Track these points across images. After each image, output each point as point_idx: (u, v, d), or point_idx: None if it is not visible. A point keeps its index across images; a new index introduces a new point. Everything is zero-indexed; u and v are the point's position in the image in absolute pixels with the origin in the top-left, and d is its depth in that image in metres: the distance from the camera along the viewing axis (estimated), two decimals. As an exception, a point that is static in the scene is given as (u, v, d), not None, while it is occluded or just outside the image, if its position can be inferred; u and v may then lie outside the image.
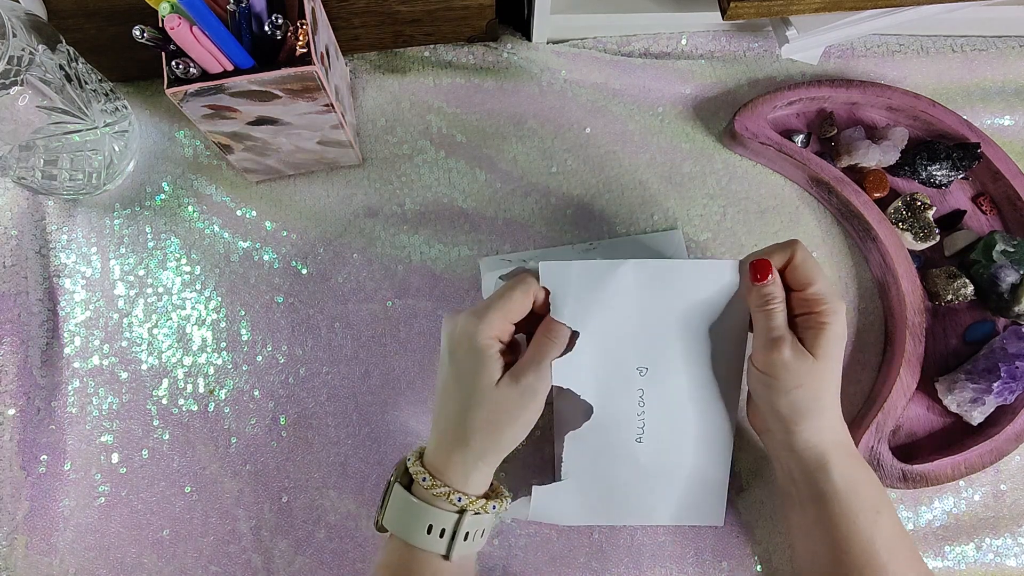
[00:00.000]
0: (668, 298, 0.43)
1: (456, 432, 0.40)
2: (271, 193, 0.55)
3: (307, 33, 0.41)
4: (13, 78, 0.41)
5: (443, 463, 0.40)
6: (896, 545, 0.41)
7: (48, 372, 0.52)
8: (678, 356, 0.44)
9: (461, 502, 0.39)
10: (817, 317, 0.41)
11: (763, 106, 0.56)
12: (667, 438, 0.46)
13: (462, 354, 0.40)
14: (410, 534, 0.39)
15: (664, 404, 0.45)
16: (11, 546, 0.48)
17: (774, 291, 0.41)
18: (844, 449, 0.42)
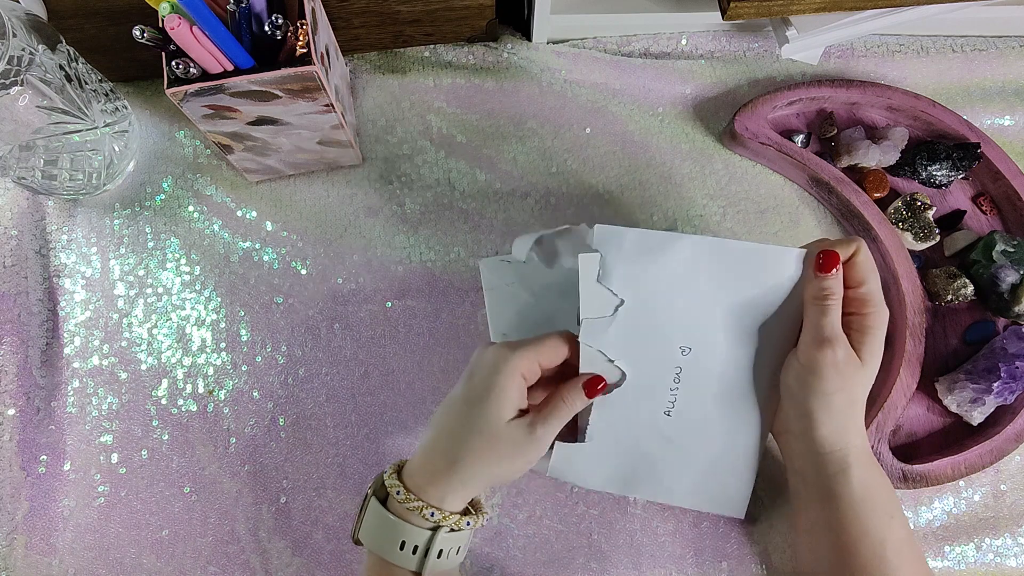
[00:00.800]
0: (724, 280, 0.42)
1: (446, 453, 0.39)
2: (271, 193, 0.55)
3: (307, 33, 0.41)
4: (13, 78, 0.41)
5: (425, 480, 0.39)
6: (905, 550, 0.41)
7: (48, 372, 0.52)
8: (725, 341, 0.43)
9: (435, 517, 0.38)
10: (865, 320, 0.40)
11: (763, 106, 0.56)
12: (697, 417, 0.44)
13: (481, 378, 0.40)
14: (383, 549, 0.39)
15: (700, 385, 0.44)
16: (11, 546, 0.48)
17: (834, 286, 0.40)
18: (865, 454, 0.42)
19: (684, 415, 0.44)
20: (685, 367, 0.43)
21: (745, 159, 0.58)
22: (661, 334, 0.43)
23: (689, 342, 0.43)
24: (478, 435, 0.39)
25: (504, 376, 0.39)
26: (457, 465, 0.39)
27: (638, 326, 0.42)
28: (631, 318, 0.42)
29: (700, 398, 0.44)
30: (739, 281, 0.42)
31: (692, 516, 0.50)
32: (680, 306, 0.42)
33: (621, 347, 0.42)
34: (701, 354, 0.43)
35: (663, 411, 0.44)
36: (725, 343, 0.43)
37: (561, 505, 0.50)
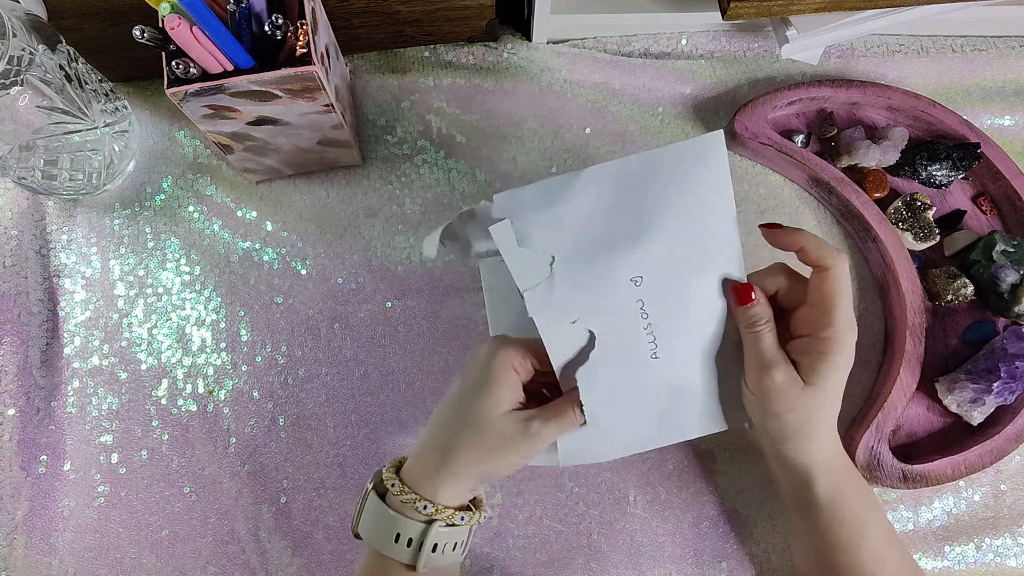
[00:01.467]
0: (642, 196, 0.39)
1: (439, 445, 0.40)
2: (271, 193, 0.55)
3: (307, 33, 0.41)
4: (13, 78, 0.41)
5: (419, 474, 0.39)
6: (884, 556, 0.41)
7: (48, 372, 0.52)
8: (670, 254, 0.40)
9: (427, 511, 0.38)
10: (817, 344, 0.39)
11: (763, 106, 0.56)
12: (682, 344, 0.42)
13: (474, 372, 0.40)
14: (380, 543, 0.39)
15: (669, 309, 0.40)
16: (10, 546, 0.48)
17: (760, 312, 0.40)
18: (831, 464, 0.42)
19: (670, 349, 0.41)
20: (646, 298, 0.40)
21: (745, 159, 0.58)
22: (606, 275, 0.40)
23: (637, 271, 0.40)
24: (469, 427, 0.39)
25: (495, 367, 0.39)
26: (447, 457, 0.39)
27: (579, 276, 0.39)
28: (568, 271, 0.39)
29: (676, 321, 0.41)
30: (657, 190, 0.39)
31: (692, 516, 0.50)
32: (611, 240, 0.39)
33: (573, 305, 0.40)
34: (654, 276, 0.40)
35: (649, 355, 0.41)
36: (673, 254, 0.40)
37: (561, 505, 0.50)
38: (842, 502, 0.42)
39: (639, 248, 0.40)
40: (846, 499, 0.42)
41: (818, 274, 0.39)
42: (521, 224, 0.39)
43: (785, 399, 0.39)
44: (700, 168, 0.39)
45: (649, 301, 0.40)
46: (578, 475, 0.51)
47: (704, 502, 0.51)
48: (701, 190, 0.39)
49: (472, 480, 0.40)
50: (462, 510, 0.40)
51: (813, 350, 0.39)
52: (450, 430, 0.40)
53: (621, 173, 0.39)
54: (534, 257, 0.39)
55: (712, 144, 0.39)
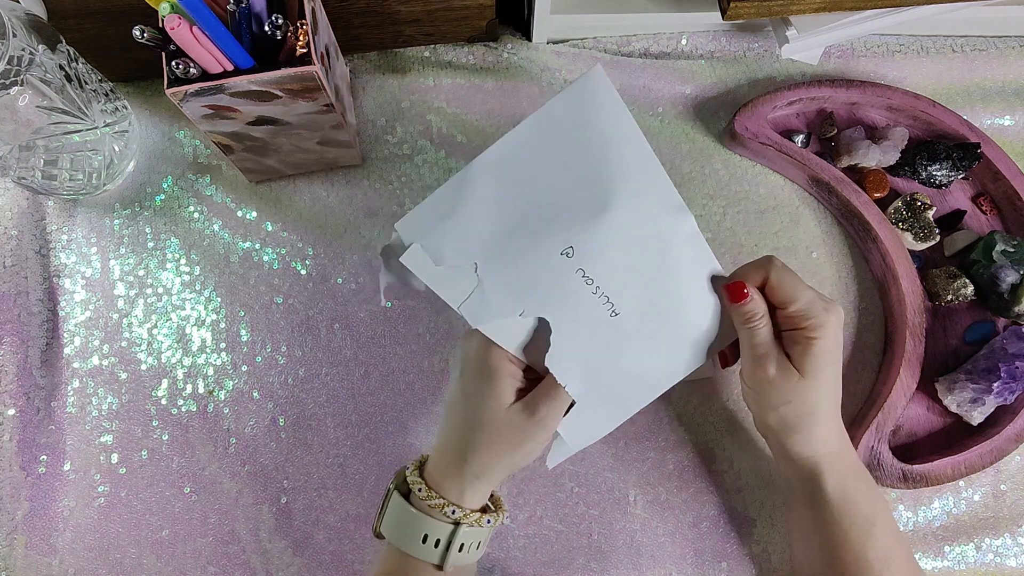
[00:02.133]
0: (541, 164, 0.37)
1: (456, 449, 0.40)
2: (271, 193, 0.55)
3: (307, 33, 0.41)
4: (13, 78, 0.41)
5: (441, 477, 0.40)
6: (890, 555, 0.41)
7: (48, 372, 0.52)
8: (594, 212, 0.38)
9: (455, 515, 0.39)
10: (804, 332, 0.40)
11: (763, 106, 0.56)
12: (635, 292, 0.40)
13: (472, 373, 0.40)
14: (406, 542, 0.39)
15: (609, 263, 0.39)
16: (11, 546, 0.48)
17: (754, 308, 0.41)
18: (839, 459, 0.42)
19: (626, 302, 0.40)
20: (584, 265, 0.39)
21: (745, 159, 0.58)
22: (535, 260, 0.38)
23: (565, 243, 0.38)
24: (481, 428, 0.39)
25: (492, 364, 0.39)
26: (468, 461, 0.39)
27: (508, 271, 0.38)
28: (495, 271, 0.38)
29: (621, 275, 0.40)
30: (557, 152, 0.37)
31: (692, 516, 0.50)
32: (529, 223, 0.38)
33: (512, 301, 0.39)
34: (584, 241, 0.38)
35: (609, 316, 0.40)
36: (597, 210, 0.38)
37: (561, 505, 0.50)
38: (852, 499, 0.41)
39: (557, 218, 0.38)
40: (856, 496, 0.42)
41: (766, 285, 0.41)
42: (431, 242, 0.37)
43: (781, 391, 0.40)
44: (589, 111, 0.37)
45: (588, 266, 0.39)
46: (578, 475, 0.51)
47: (704, 502, 0.51)
48: (596, 131, 0.37)
49: (496, 477, 0.40)
50: (485, 512, 0.41)
51: (800, 339, 0.40)
52: (463, 434, 0.40)
53: (509, 150, 0.37)
54: (455, 272, 0.38)
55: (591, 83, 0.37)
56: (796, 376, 0.40)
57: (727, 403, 0.52)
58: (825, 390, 0.41)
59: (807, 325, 0.40)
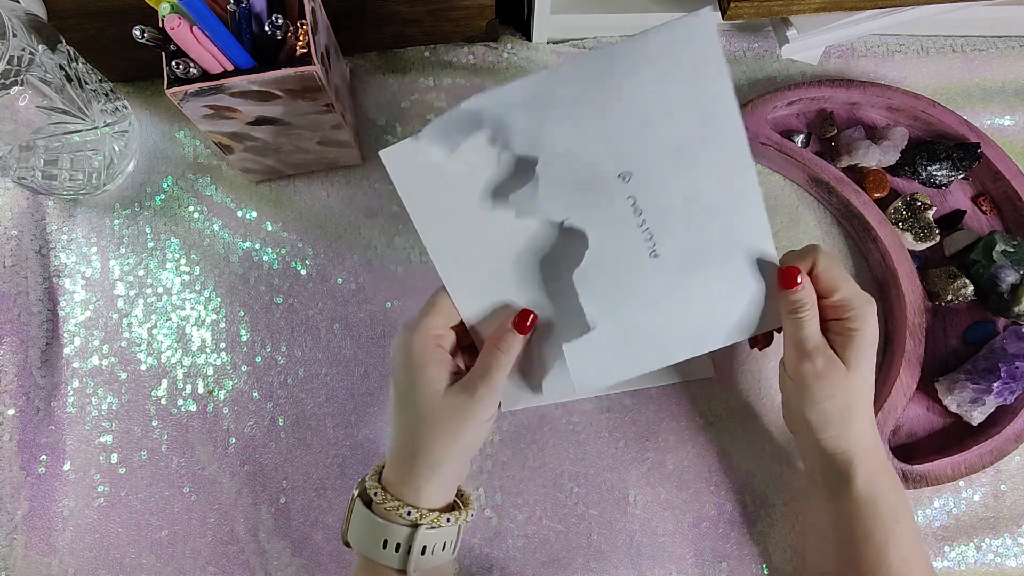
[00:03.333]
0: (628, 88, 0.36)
1: (405, 448, 0.39)
2: (271, 193, 0.55)
3: (307, 33, 0.41)
4: (13, 78, 0.41)
5: (397, 480, 0.39)
6: (910, 555, 0.41)
7: (48, 372, 0.52)
8: (662, 146, 0.37)
9: (411, 516, 0.38)
10: (846, 323, 0.39)
11: (763, 106, 0.56)
12: (684, 243, 0.39)
13: (400, 368, 0.39)
14: (369, 549, 0.39)
15: (664, 204, 0.38)
16: (10, 546, 0.48)
17: (804, 297, 0.39)
18: (872, 456, 0.42)
19: (670, 246, 0.39)
20: (637, 194, 0.38)
21: (745, 159, 0.58)
22: (591, 173, 0.38)
23: (625, 166, 0.38)
24: (421, 420, 0.38)
25: (415, 353, 0.39)
26: (418, 456, 0.39)
27: (564, 175, 0.38)
28: (553, 171, 0.37)
29: (673, 220, 0.39)
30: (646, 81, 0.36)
31: (692, 516, 0.50)
32: (595, 136, 0.37)
33: (563, 203, 0.38)
34: (645, 172, 0.38)
35: (648, 254, 0.39)
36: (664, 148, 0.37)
37: (561, 505, 0.50)
38: (879, 496, 0.41)
39: (626, 142, 0.37)
40: (883, 493, 0.41)
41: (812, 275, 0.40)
42: (505, 128, 0.37)
43: (827, 385, 0.39)
44: (687, 52, 0.36)
45: (642, 197, 0.38)
46: (578, 475, 0.51)
47: (704, 502, 0.51)
48: (690, 76, 0.36)
49: (453, 469, 0.40)
50: (448, 511, 0.40)
51: (843, 330, 0.40)
52: (408, 430, 0.39)
53: (602, 65, 0.36)
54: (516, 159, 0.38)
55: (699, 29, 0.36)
56: (843, 370, 0.39)
57: (727, 403, 0.52)
58: (866, 382, 0.40)
59: (850, 316, 0.39)
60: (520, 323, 0.40)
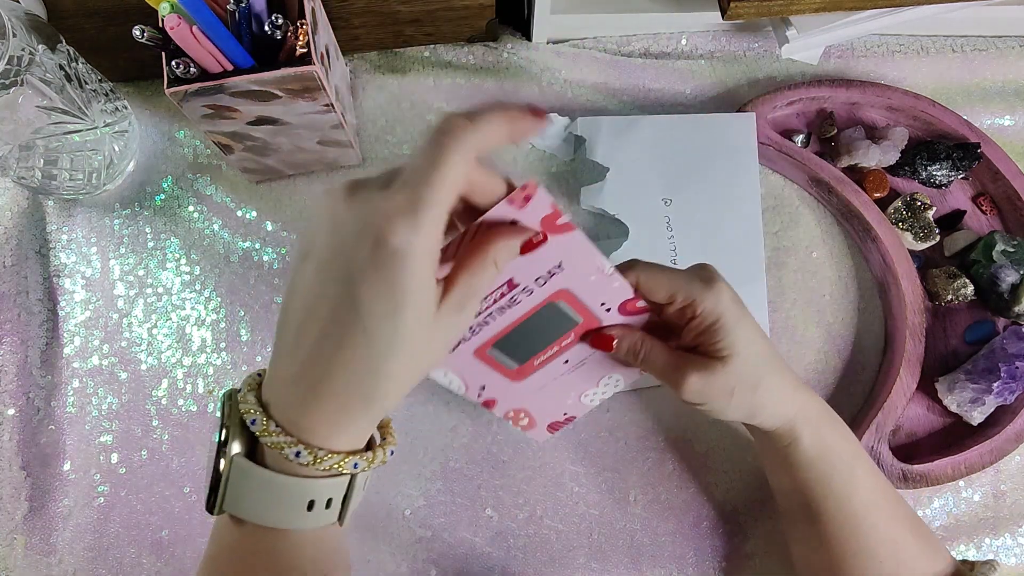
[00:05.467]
0: (685, 143, 0.53)
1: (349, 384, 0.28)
2: (271, 193, 0.55)
3: (307, 33, 0.41)
4: (13, 78, 0.41)
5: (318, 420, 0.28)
6: (876, 499, 0.40)
7: (48, 372, 0.52)
8: (699, 191, 0.53)
9: (358, 468, 0.29)
10: (700, 321, 0.37)
11: (763, 106, 0.56)
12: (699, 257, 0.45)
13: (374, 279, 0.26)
14: (281, 518, 0.29)
15: (689, 233, 0.52)
16: (10, 546, 0.48)
17: (627, 344, 0.38)
18: (808, 414, 0.40)
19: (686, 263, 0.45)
20: (672, 216, 0.53)
21: (745, 159, 0.58)
22: (644, 190, 0.53)
23: (669, 194, 0.53)
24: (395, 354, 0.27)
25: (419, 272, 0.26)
26: (375, 403, 0.28)
27: (624, 187, 0.53)
28: (616, 181, 0.53)
29: (694, 246, 0.52)
30: (697, 142, 0.54)
31: (692, 516, 0.50)
32: (653, 167, 0.53)
33: (615, 205, 0.52)
34: (682, 201, 0.53)
35: (670, 261, 0.52)
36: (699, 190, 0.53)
37: (561, 505, 0.50)
38: (829, 449, 0.40)
39: (674, 179, 0.53)
40: (834, 443, 0.40)
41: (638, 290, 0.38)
42: (592, 142, 0.54)
43: (718, 389, 0.37)
44: (732, 135, 0.54)
45: (675, 219, 0.53)
46: (578, 475, 0.51)
47: (704, 502, 0.51)
48: (731, 151, 0.54)
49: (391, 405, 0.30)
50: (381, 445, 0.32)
51: (698, 328, 0.37)
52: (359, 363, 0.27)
53: (673, 123, 0.54)
54: (595, 166, 0.54)
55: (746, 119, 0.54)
56: (720, 366, 0.37)
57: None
58: (758, 353, 0.38)
59: (700, 311, 0.37)
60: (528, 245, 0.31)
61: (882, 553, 0.40)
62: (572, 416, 0.44)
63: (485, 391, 0.40)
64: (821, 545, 0.41)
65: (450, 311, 0.28)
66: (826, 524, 0.40)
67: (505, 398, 0.41)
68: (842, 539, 0.40)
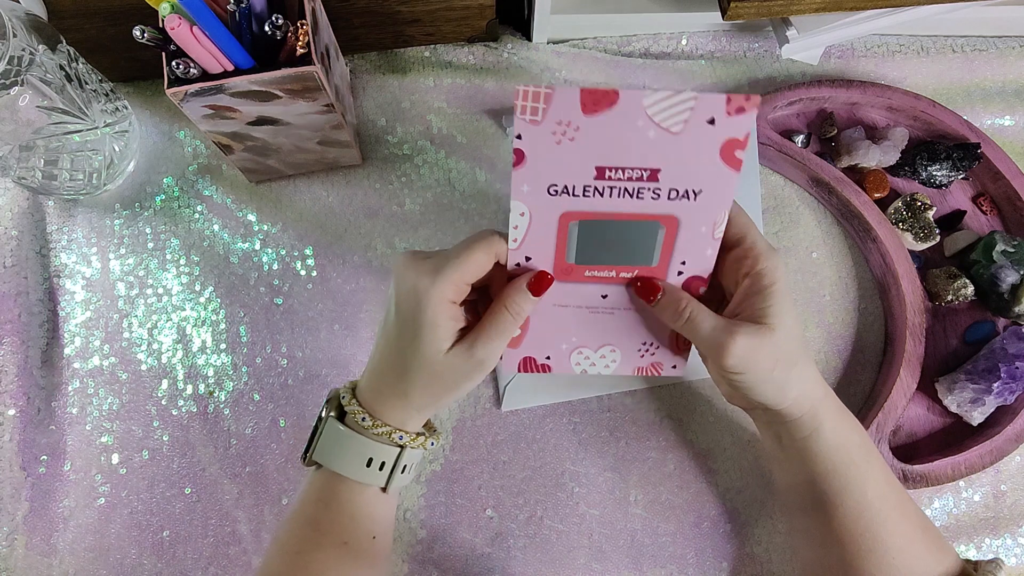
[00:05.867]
0: None
1: (396, 385, 0.39)
2: (271, 194, 0.55)
3: (307, 33, 0.41)
4: (13, 78, 0.41)
5: (380, 406, 0.39)
6: (888, 492, 0.40)
7: (48, 372, 0.51)
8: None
9: (403, 440, 0.39)
10: (759, 280, 0.36)
11: (763, 106, 0.56)
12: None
13: (408, 313, 0.37)
14: (347, 467, 0.39)
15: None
16: (11, 546, 0.48)
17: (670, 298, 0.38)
18: (829, 404, 0.40)
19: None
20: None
21: (745, 159, 0.58)
22: None
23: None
24: (419, 371, 0.38)
25: (431, 311, 0.36)
26: (408, 397, 0.39)
27: None
28: None
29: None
30: None
31: (693, 516, 0.50)
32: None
33: None
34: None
35: None
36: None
37: (562, 506, 0.50)
38: (848, 440, 0.40)
39: None
40: (850, 434, 0.40)
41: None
42: None
43: (763, 356, 0.36)
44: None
45: None
46: (578, 475, 0.51)
47: (705, 502, 0.51)
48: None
49: (438, 409, 0.41)
50: (426, 435, 0.41)
51: (758, 288, 0.36)
52: (402, 372, 0.38)
53: None
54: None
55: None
56: (770, 333, 0.36)
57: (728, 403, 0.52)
58: (797, 331, 0.37)
59: (761, 269, 0.36)
60: (537, 284, 0.37)
61: (895, 548, 0.39)
62: (548, 366, 0.42)
63: (525, 264, 0.38)
64: (834, 541, 0.41)
65: (460, 351, 0.37)
66: (841, 518, 0.40)
67: None
68: (856, 533, 0.40)
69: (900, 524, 0.40)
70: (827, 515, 0.41)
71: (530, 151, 0.34)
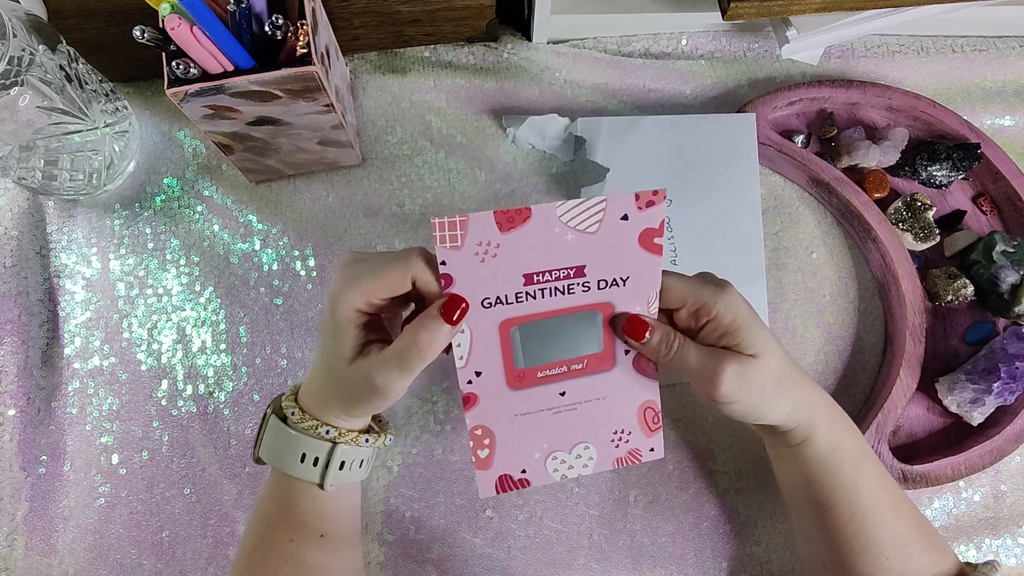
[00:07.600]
0: (685, 144, 0.54)
1: (320, 389, 0.39)
2: (271, 194, 0.55)
3: (307, 33, 0.41)
4: (13, 78, 0.41)
5: (315, 404, 0.40)
6: (882, 494, 0.41)
7: (48, 373, 0.51)
8: (698, 191, 0.53)
9: (330, 435, 0.39)
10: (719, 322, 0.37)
11: (763, 106, 0.56)
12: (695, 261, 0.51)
13: (326, 315, 0.37)
14: (285, 463, 0.40)
15: (691, 228, 0.52)
16: (11, 546, 0.48)
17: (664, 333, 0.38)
18: (822, 411, 0.41)
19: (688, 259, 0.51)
20: (672, 216, 0.53)
21: (745, 159, 0.58)
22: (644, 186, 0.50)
23: (668, 195, 0.53)
24: (329, 378, 0.38)
25: (337, 315, 0.36)
26: (330, 402, 0.39)
27: (624, 187, 0.52)
28: (617, 182, 0.53)
29: (693, 236, 0.53)
30: (697, 142, 0.54)
31: (693, 516, 0.50)
32: (653, 167, 0.53)
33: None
34: (681, 203, 0.53)
35: (670, 262, 0.52)
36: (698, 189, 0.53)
37: (562, 506, 0.50)
38: (840, 443, 0.41)
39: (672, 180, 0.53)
40: (843, 436, 0.41)
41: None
42: (593, 143, 0.54)
43: (751, 384, 0.37)
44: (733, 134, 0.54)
45: (675, 220, 0.53)
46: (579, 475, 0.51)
47: (704, 502, 0.51)
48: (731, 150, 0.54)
49: (363, 417, 0.41)
50: (366, 432, 0.41)
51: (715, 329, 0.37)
52: (323, 377, 0.39)
53: (675, 123, 0.54)
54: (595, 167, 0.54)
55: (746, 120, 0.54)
56: (754, 361, 0.37)
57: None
58: (780, 351, 0.39)
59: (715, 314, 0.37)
60: (449, 308, 0.35)
61: (889, 548, 0.40)
62: (527, 480, 0.40)
63: (477, 379, 0.37)
64: (830, 541, 0.41)
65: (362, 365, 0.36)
66: (835, 519, 0.40)
67: (487, 401, 0.38)
68: (850, 534, 0.40)
69: (895, 524, 0.40)
70: (822, 516, 0.41)
71: (456, 274, 0.35)
